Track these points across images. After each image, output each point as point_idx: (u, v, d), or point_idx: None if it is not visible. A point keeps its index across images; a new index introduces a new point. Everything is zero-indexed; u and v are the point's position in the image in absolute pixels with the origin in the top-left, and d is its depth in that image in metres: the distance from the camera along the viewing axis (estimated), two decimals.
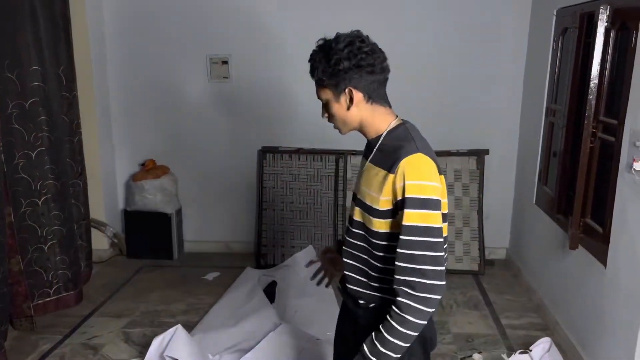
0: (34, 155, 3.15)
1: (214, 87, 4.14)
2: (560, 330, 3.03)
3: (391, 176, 1.35)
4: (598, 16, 2.54)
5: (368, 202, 1.42)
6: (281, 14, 3.96)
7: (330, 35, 1.44)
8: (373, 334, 1.38)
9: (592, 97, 2.61)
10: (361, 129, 1.48)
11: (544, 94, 3.46)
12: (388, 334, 1.34)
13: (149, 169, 4.15)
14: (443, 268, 1.33)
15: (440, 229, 1.34)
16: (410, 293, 1.31)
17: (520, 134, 4.00)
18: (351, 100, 1.41)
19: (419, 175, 1.33)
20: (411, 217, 1.32)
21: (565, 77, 3.10)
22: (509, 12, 3.85)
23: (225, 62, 4.09)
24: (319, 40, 1.44)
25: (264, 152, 4.15)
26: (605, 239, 2.53)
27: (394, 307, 1.33)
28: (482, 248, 3.99)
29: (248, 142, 4.20)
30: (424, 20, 3.90)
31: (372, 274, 1.46)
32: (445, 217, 1.40)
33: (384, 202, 1.37)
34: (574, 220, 2.73)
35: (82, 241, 3.66)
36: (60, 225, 3.31)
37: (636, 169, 2.20)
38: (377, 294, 1.46)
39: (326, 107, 1.47)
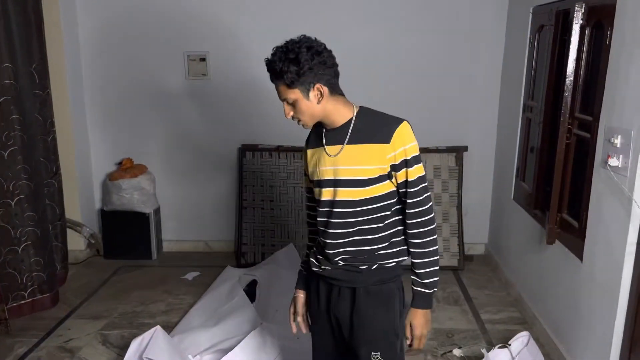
0: (6, 155, 3.08)
1: (192, 85, 4.09)
2: (538, 323, 3.07)
3: (388, 146, 1.59)
4: (573, 14, 2.57)
5: (360, 177, 1.62)
6: (260, 11, 3.93)
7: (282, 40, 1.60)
8: (417, 278, 1.68)
9: (567, 94, 2.64)
10: (327, 119, 1.66)
11: (521, 91, 3.50)
12: (430, 267, 1.67)
13: (126, 168, 4.09)
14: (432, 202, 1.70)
15: (425, 174, 1.68)
16: (426, 230, 1.65)
17: (498, 130, 4.05)
18: (321, 94, 1.59)
19: (412, 138, 1.62)
20: (415, 172, 1.62)
21: (542, 74, 3.13)
22: (486, 9, 3.88)
23: (203, 59, 4.04)
24: (273, 48, 1.60)
25: (243, 150, 4.12)
26: (581, 233, 2.57)
27: (420, 249, 1.67)
28: (461, 244, 4.03)
29: (227, 140, 4.16)
30: (402, 18, 3.90)
31: (370, 237, 1.67)
32: None
33: (378, 170, 1.61)
34: (551, 215, 2.77)
35: (57, 242, 3.59)
36: (35, 226, 3.24)
37: (611, 164, 2.23)
38: (378, 253, 1.68)
39: (294, 105, 1.63)
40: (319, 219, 1.72)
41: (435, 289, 1.71)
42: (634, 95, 2.13)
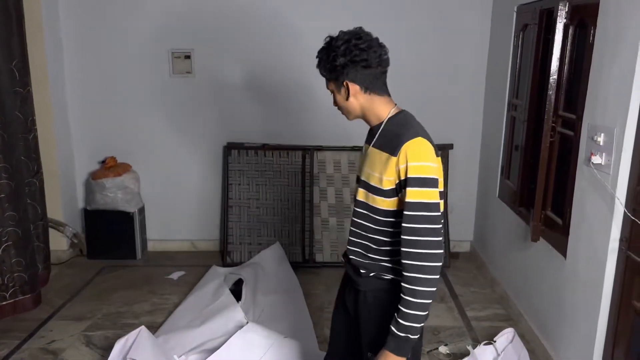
0: None
1: (177, 82, 4.05)
2: (523, 320, 3.10)
3: (394, 159, 1.52)
4: (557, 13, 2.59)
5: (372, 183, 1.59)
6: (245, 9, 3.90)
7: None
8: (395, 314, 1.54)
9: (551, 92, 2.66)
10: (363, 117, 1.66)
11: (505, 89, 3.52)
12: (407, 309, 1.50)
13: (110, 167, 4.04)
14: (441, 238, 1.52)
15: (438, 204, 1.51)
16: (416, 265, 1.49)
17: (484, 128, 4.07)
18: (348, 92, 1.59)
19: (419, 157, 1.50)
20: (413, 195, 1.49)
21: (526, 73, 3.16)
22: (470, 8, 3.90)
23: (188, 57, 4.00)
24: (326, 37, 1.61)
25: (229, 148, 4.09)
26: (565, 230, 2.59)
27: (404, 284, 1.51)
28: (447, 241, 4.05)
29: (212, 138, 4.13)
30: (387, 16, 3.91)
31: (373, 247, 1.64)
32: (441, 195, 1.55)
33: (387, 182, 1.54)
34: (535, 212, 2.79)
35: (39, 242, 3.53)
36: (16, 226, 3.18)
37: (594, 162, 2.25)
38: (377, 264, 1.64)
39: (333, 96, 1.66)
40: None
41: (411, 337, 1.51)
42: (616, 93, 2.15)
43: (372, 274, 1.66)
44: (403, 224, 1.51)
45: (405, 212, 1.50)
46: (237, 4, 3.90)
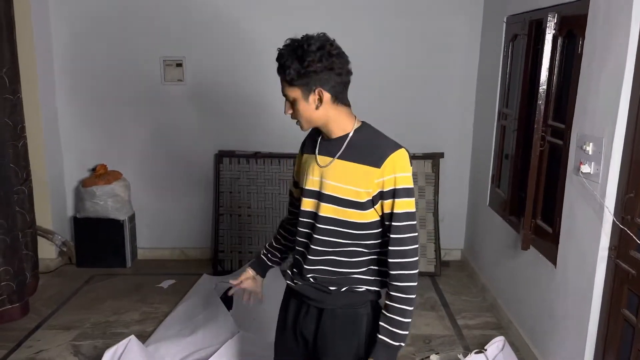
0: None
1: (168, 90, 4.05)
2: (514, 328, 3.11)
3: (377, 170, 1.48)
4: (546, 24, 2.63)
5: (345, 197, 1.52)
6: (237, 17, 3.91)
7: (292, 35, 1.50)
8: (385, 324, 1.52)
9: (541, 102, 2.69)
10: (324, 127, 1.56)
11: (496, 99, 3.56)
12: (403, 317, 1.51)
13: (100, 174, 4.01)
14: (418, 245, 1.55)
15: (416, 212, 1.54)
16: (407, 274, 1.50)
17: (474, 137, 4.10)
18: (320, 100, 1.49)
19: (405, 168, 1.50)
20: (401, 205, 1.49)
21: (516, 82, 3.19)
22: (461, 19, 3.94)
23: (179, 65, 4.00)
24: (286, 39, 1.49)
25: (220, 156, 4.08)
26: (554, 239, 2.61)
27: (397, 294, 1.50)
28: (438, 250, 4.06)
29: (203, 146, 4.12)
30: (379, 26, 3.94)
31: (345, 260, 1.57)
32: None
33: (365, 194, 1.50)
34: (525, 221, 2.81)
35: (27, 250, 3.49)
36: (4, 234, 3.15)
37: (583, 171, 2.28)
38: (350, 277, 1.58)
39: (292, 104, 1.53)
40: (299, 228, 1.64)
41: (402, 344, 1.52)
42: (604, 103, 2.18)
43: (344, 289, 1.58)
44: (391, 235, 1.50)
45: (394, 224, 1.49)
46: (229, 13, 3.91)
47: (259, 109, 4.01)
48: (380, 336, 1.52)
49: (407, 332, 1.53)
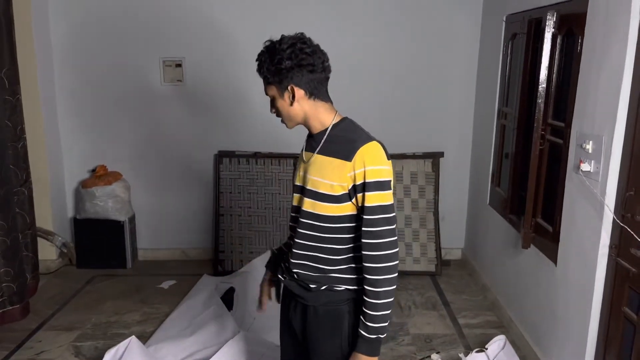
0: None
1: (168, 91, 4.05)
2: (515, 327, 3.11)
3: (348, 164, 1.50)
4: (545, 22, 2.63)
5: (322, 191, 1.55)
6: (236, 17, 3.91)
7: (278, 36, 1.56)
8: (361, 317, 1.54)
9: (540, 101, 2.69)
10: (305, 123, 1.62)
11: (495, 98, 3.56)
12: (374, 311, 1.52)
13: (100, 175, 4.01)
14: (396, 237, 1.55)
15: (393, 205, 1.54)
16: (379, 267, 1.50)
17: (474, 136, 4.10)
18: (293, 96, 1.54)
19: (376, 161, 1.50)
20: (372, 199, 1.49)
21: (515, 81, 3.19)
22: (460, 17, 3.94)
23: (179, 65, 4.00)
24: (266, 41, 1.57)
25: (220, 156, 4.08)
26: (555, 237, 2.61)
27: (369, 287, 1.52)
28: (438, 249, 4.06)
29: (203, 146, 4.12)
30: (379, 26, 3.94)
31: (324, 257, 1.59)
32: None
33: (339, 188, 1.52)
34: (526, 220, 2.81)
35: (27, 252, 3.49)
36: (4, 235, 3.15)
37: (583, 170, 2.28)
38: (328, 275, 1.60)
39: (272, 102, 1.61)
40: (290, 223, 1.72)
41: (381, 336, 1.54)
42: (604, 102, 2.18)
43: (323, 287, 1.61)
44: (363, 228, 1.51)
45: (365, 217, 1.51)
46: (228, 13, 3.91)
47: (258, 109, 4.01)
48: (359, 329, 1.56)
49: (382, 325, 1.53)
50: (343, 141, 1.54)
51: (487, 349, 2.76)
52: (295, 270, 1.65)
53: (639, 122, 2.02)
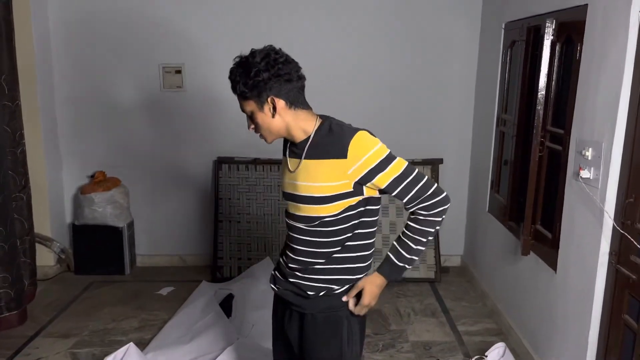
0: None
1: (167, 97, 4.05)
2: (514, 334, 3.10)
3: (345, 161, 1.50)
4: (544, 30, 2.64)
5: (315, 194, 1.54)
6: (236, 23, 3.92)
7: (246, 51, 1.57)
8: (396, 244, 1.59)
9: (540, 108, 2.69)
10: (288, 134, 1.60)
11: (494, 105, 3.56)
12: (414, 244, 1.57)
13: (99, 181, 4.00)
14: (437, 185, 1.59)
15: (410, 164, 1.55)
16: (432, 202, 1.55)
17: (473, 143, 4.10)
18: (274, 108, 1.53)
19: (370, 146, 1.51)
20: (386, 177, 1.51)
21: (515, 88, 3.20)
22: (460, 25, 3.95)
23: (178, 72, 4.00)
24: (235, 58, 1.56)
25: (219, 162, 4.08)
26: (554, 244, 2.61)
27: (411, 223, 1.57)
28: (437, 256, 4.05)
29: (203, 152, 4.12)
30: (378, 32, 3.95)
31: (321, 261, 1.60)
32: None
33: (335, 188, 1.52)
34: (525, 227, 2.81)
35: (25, 258, 3.47)
36: (2, 241, 3.13)
37: (582, 176, 2.28)
38: (327, 277, 1.61)
39: (251, 118, 1.59)
40: (287, 232, 1.71)
41: (407, 266, 1.61)
42: (603, 108, 2.18)
43: (322, 293, 1.61)
44: (403, 201, 1.55)
45: (394, 194, 1.54)
46: (228, 19, 3.92)
47: None
48: (388, 253, 1.62)
49: (413, 257, 1.59)
50: (330, 142, 1.53)
51: (486, 356, 2.75)
52: (291, 278, 1.65)
53: (638, 128, 2.02)
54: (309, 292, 1.62)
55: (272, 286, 1.74)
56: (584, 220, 2.33)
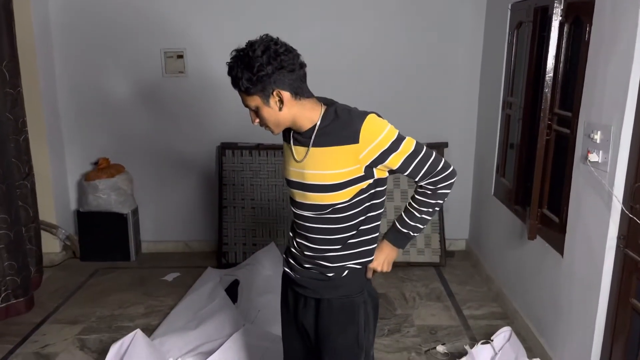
0: None
1: (169, 82, 4.02)
2: (520, 318, 3.10)
3: (358, 145, 1.49)
4: (552, 10, 2.58)
5: (326, 182, 1.53)
6: (238, 7, 3.87)
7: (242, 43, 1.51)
8: (402, 212, 1.67)
9: (547, 90, 2.65)
10: (294, 125, 1.56)
11: (500, 87, 3.52)
12: (418, 213, 1.64)
13: (103, 168, 4.00)
14: (444, 159, 1.62)
15: (419, 143, 1.57)
16: (443, 176, 1.59)
17: (478, 126, 4.07)
18: (281, 101, 1.49)
19: (381, 129, 1.50)
20: (398, 157, 1.52)
21: (521, 71, 3.15)
22: (465, 6, 3.89)
23: (180, 56, 3.97)
24: (231, 52, 1.51)
25: (223, 148, 4.06)
26: (561, 228, 2.59)
27: (418, 197, 1.63)
28: (442, 240, 4.04)
29: (206, 138, 4.10)
30: (380, 16, 3.89)
31: (337, 247, 1.61)
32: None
33: (347, 174, 1.52)
34: (532, 211, 2.79)
35: (31, 245, 3.49)
36: (7, 229, 3.14)
37: (591, 160, 2.25)
38: (346, 257, 1.62)
39: (257, 113, 1.54)
40: (294, 219, 1.69)
41: (412, 234, 1.67)
42: (612, 91, 2.15)
43: (343, 274, 1.63)
44: (416, 179, 1.59)
45: (407, 174, 1.57)
46: (229, 3, 3.87)
47: None
48: (395, 220, 1.70)
49: (417, 226, 1.66)
50: (339, 128, 1.51)
51: (492, 340, 2.74)
52: (308, 265, 1.65)
53: None
54: (329, 274, 1.63)
55: (288, 270, 1.73)
56: (592, 204, 2.31)
